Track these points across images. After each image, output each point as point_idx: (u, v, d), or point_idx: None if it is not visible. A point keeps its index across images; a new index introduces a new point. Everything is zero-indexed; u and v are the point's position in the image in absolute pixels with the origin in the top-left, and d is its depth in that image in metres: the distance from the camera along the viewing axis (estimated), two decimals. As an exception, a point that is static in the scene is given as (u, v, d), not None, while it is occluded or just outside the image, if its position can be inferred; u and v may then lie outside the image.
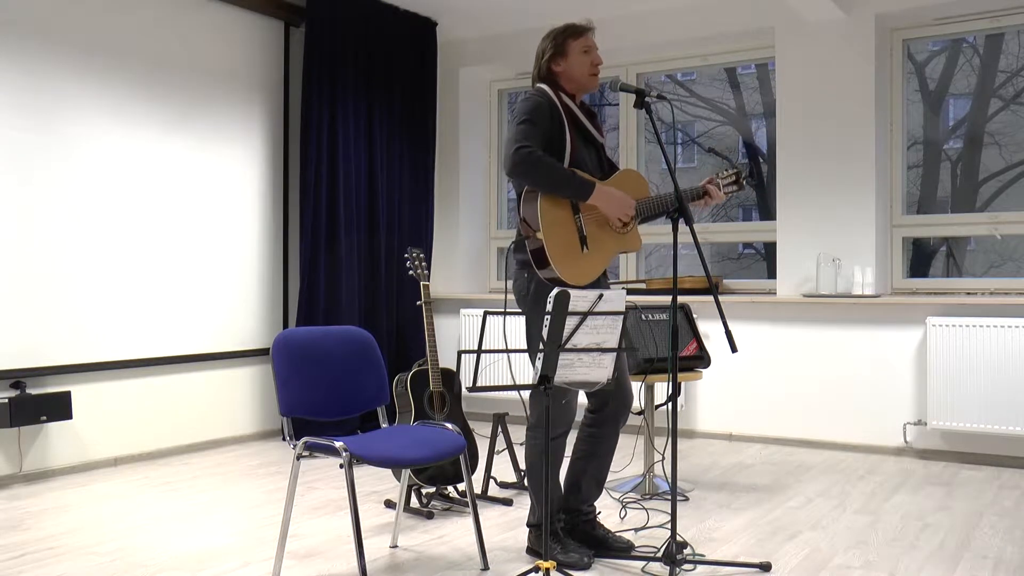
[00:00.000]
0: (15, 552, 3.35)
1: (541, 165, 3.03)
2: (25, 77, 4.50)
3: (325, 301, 5.64)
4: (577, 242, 3.11)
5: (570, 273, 3.06)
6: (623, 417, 3.26)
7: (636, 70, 6.26)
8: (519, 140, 3.05)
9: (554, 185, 3.06)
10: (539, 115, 3.11)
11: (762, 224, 5.97)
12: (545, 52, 3.23)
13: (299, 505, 4.03)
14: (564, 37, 3.22)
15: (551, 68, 3.22)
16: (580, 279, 3.07)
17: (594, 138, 3.28)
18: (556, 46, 3.21)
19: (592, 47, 3.24)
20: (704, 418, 5.68)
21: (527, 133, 3.06)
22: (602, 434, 3.26)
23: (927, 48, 5.69)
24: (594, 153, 3.29)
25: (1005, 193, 5.50)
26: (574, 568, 3.09)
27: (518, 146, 3.04)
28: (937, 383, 4.87)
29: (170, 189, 5.16)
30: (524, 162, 3.02)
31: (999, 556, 3.28)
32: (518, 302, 3.23)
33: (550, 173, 3.04)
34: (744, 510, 3.93)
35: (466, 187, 6.72)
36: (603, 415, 3.25)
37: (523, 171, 3.04)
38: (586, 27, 3.25)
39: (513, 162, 3.04)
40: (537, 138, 3.07)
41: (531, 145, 3.04)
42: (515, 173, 3.06)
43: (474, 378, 2.69)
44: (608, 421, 3.25)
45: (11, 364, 4.43)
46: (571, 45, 3.21)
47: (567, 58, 3.21)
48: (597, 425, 3.26)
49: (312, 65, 5.60)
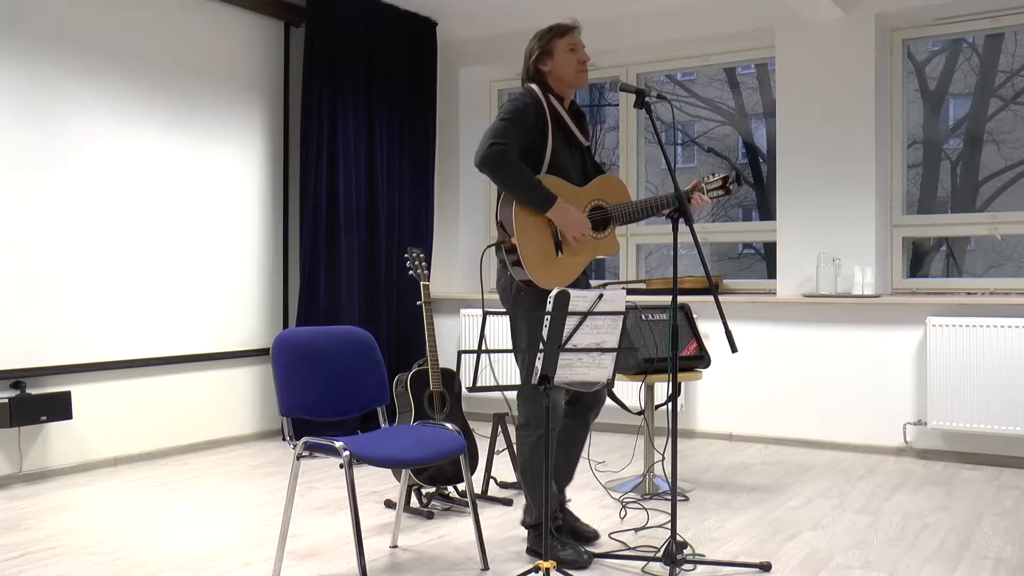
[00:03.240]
0: (15, 552, 3.36)
1: (508, 166, 3.06)
2: (26, 77, 4.50)
3: (325, 301, 5.64)
4: (552, 247, 3.15)
5: (543, 277, 3.10)
6: (595, 411, 3.37)
7: (636, 70, 6.26)
8: (495, 136, 3.08)
9: (516, 189, 3.09)
10: (522, 115, 3.14)
11: (762, 224, 5.97)
12: (532, 52, 3.27)
13: (299, 505, 4.03)
14: (550, 37, 3.25)
15: (538, 68, 3.26)
16: (553, 283, 3.08)
17: (579, 141, 3.31)
18: (542, 46, 3.25)
19: (578, 45, 3.27)
20: (704, 418, 5.68)
21: (505, 131, 3.09)
22: (574, 425, 3.35)
23: (927, 48, 5.69)
24: (578, 156, 3.32)
25: (1005, 193, 5.50)
26: (574, 568, 3.09)
27: (492, 142, 3.07)
28: (937, 383, 4.87)
29: (170, 189, 5.16)
30: (493, 158, 3.06)
31: (999, 556, 3.28)
32: (501, 302, 3.27)
33: (515, 177, 3.07)
34: (744, 510, 3.93)
35: (466, 187, 6.72)
36: (576, 409, 3.33)
37: (490, 167, 3.07)
38: (571, 26, 3.28)
39: (483, 156, 3.07)
40: (515, 139, 3.09)
41: (505, 144, 3.07)
42: (482, 166, 3.09)
43: (474, 378, 2.70)
44: (580, 414, 3.35)
45: (11, 364, 4.43)
46: (557, 44, 3.24)
47: (553, 57, 3.23)
48: (570, 417, 3.33)
49: (312, 65, 5.60)
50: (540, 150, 3.16)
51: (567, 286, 3.10)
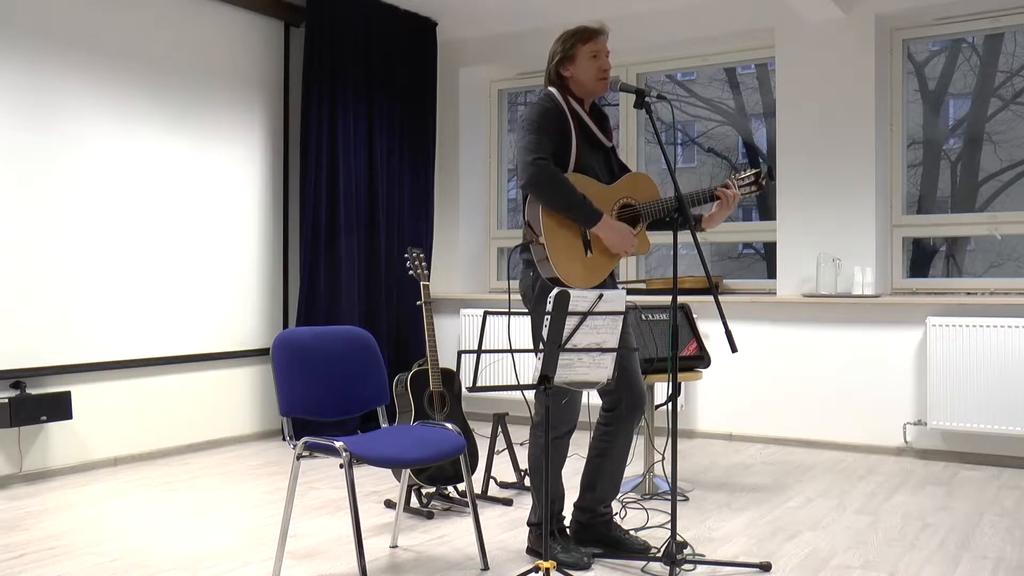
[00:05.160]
0: (15, 552, 3.36)
1: (557, 183, 3.03)
2: (25, 77, 4.50)
3: (325, 301, 5.64)
4: (580, 245, 3.11)
5: (572, 276, 3.07)
6: (636, 417, 3.25)
7: (636, 70, 6.26)
8: (535, 151, 3.04)
9: (564, 206, 3.06)
10: (547, 121, 3.11)
11: (762, 224, 5.97)
12: (555, 55, 3.22)
13: (299, 505, 4.03)
14: (573, 41, 3.20)
15: (559, 72, 3.22)
16: (582, 282, 3.07)
17: (601, 143, 3.28)
18: (565, 50, 3.20)
19: (601, 52, 3.21)
20: (704, 418, 5.68)
21: (540, 143, 3.06)
22: (614, 432, 3.25)
23: (927, 48, 5.69)
24: (602, 157, 3.28)
25: (1005, 193, 5.49)
26: (574, 568, 3.09)
27: (535, 157, 3.03)
28: (937, 383, 4.87)
29: (170, 189, 5.16)
30: (539, 176, 3.02)
31: (999, 556, 3.28)
32: (524, 301, 3.23)
33: (564, 194, 3.04)
34: (744, 510, 3.93)
35: (466, 187, 6.72)
36: (616, 414, 3.24)
37: (539, 186, 3.03)
38: (597, 30, 3.22)
39: (530, 174, 3.03)
40: (549, 148, 3.07)
41: (546, 158, 3.04)
42: (530, 186, 3.05)
43: (474, 378, 2.70)
44: (621, 420, 3.24)
45: (11, 364, 4.43)
46: (580, 50, 3.19)
47: (575, 63, 3.19)
48: (610, 424, 3.26)
49: (312, 65, 5.60)
50: (564, 153, 3.13)
51: (595, 286, 3.10)
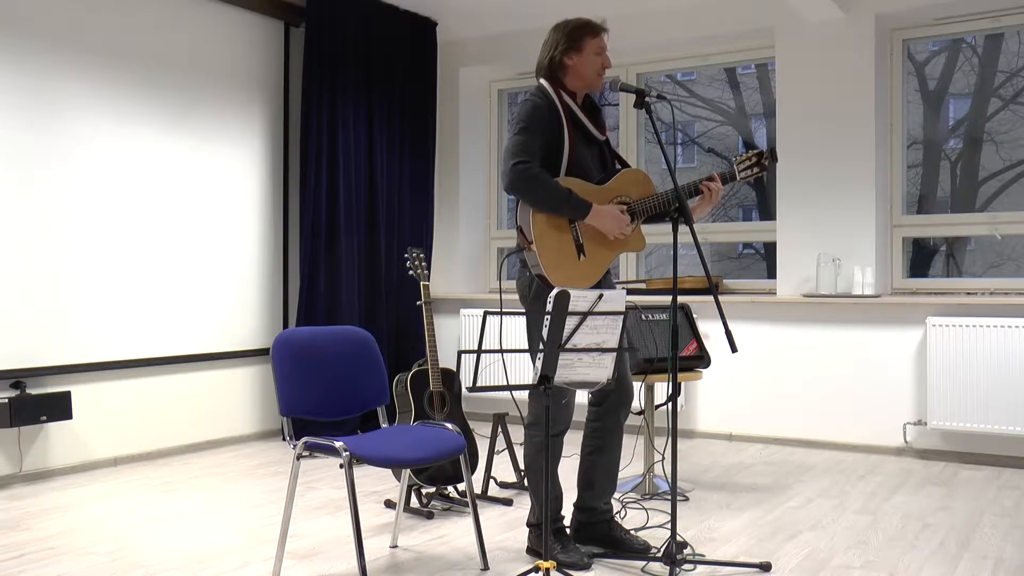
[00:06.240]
0: (15, 552, 3.36)
1: (538, 184, 3.03)
2: (25, 77, 4.50)
3: (325, 301, 5.64)
4: (573, 250, 3.11)
5: (564, 280, 3.07)
6: (624, 410, 3.27)
7: (636, 70, 6.26)
8: (517, 154, 3.04)
9: (550, 205, 3.06)
10: (537, 120, 3.10)
11: (762, 224, 5.97)
12: (558, 44, 3.19)
13: (299, 505, 4.03)
14: (581, 33, 3.19)
15: (563, 61, 3.18)
16: (575, 285, 3.07)
17: (595, 137, 3.27)
18: (571, 40, 3.18)
19: (604, 49, 3.22)
20: (704, 418, 5.68)
21: (524, 146, 3.05)
22: (606, 427, 3.26)
23: (927, 48, 5.69)
24: (596, 151, 3.27)
25: (1005, 193, 5.50)
26: (574, 568, 3.09)
27: (515, 161, 3.04)
28: (937, 383, 4.87)
29: (170, 189, 5.15)
30: (521, 179, 3.03)
31: (999, 556, 3.28)
32: (520, 301, 3.23)
33: (547, 193, 3.04)
34: (744, 510, 3.93)
35: (466, 187, 6.72)
36: (604, 408, 3.26)
37: (520, 188, 3.05)
38: (603, 28, 3.23)
39: (510, 179, 3.04)
40: (535, 149, 3.07)
41: (529, 160, 3.04)
42: (512, 190, 3.07)
43: (474, 378, 2.69)
44: (610, 414, 3.26)
45: (11, 364, 4.43)
46: (588, 43, 3.18)
47: (581, 55, 3.18)
48: (600, 419, 3.27)
49: (312, 65, 5.60)
50: (558, 150, 3.12)
51: (592, 285, 3.10)
